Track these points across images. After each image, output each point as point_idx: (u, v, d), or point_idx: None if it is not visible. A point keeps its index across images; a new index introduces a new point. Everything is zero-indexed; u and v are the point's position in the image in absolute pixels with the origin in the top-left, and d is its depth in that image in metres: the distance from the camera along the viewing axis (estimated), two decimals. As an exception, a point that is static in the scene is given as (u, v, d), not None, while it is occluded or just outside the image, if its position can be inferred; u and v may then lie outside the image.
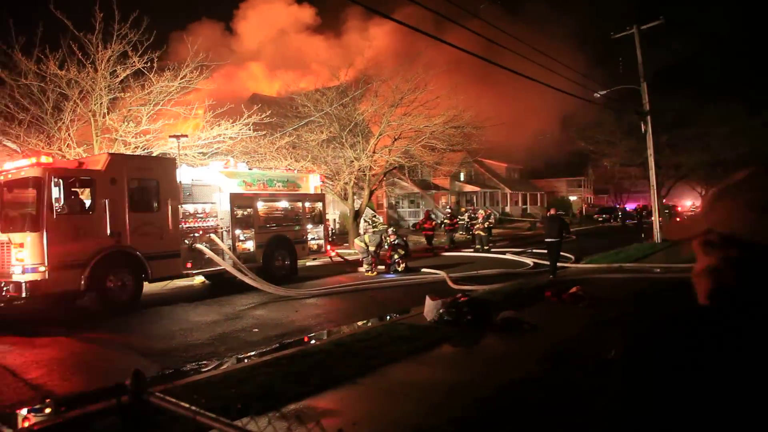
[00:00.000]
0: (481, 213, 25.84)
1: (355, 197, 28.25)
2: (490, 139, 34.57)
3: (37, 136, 17.72)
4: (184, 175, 14.44)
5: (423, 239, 26.80)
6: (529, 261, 19.23)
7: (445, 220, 26.55)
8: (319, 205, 18.42)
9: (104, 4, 17.26)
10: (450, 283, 14.27)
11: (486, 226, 24.64)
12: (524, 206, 62.65)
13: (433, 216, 28.29)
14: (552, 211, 16.42)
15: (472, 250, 24.00)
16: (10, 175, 11.65)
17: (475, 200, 55.01)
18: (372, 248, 17.83)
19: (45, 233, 10.95)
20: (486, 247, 23.90)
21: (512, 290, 12.32)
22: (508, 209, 58.69)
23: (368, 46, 32.71)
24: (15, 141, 17.56)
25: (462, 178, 54.95)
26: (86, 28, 17.51)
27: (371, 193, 28.44)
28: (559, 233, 15.37)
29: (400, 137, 27.69)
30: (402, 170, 36.90)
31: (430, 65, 27.70)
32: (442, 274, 15.89)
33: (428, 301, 9.87)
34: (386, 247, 18.25)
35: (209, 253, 13.89)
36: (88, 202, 12.08)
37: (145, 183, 13.04)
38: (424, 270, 17.61)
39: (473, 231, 26.44)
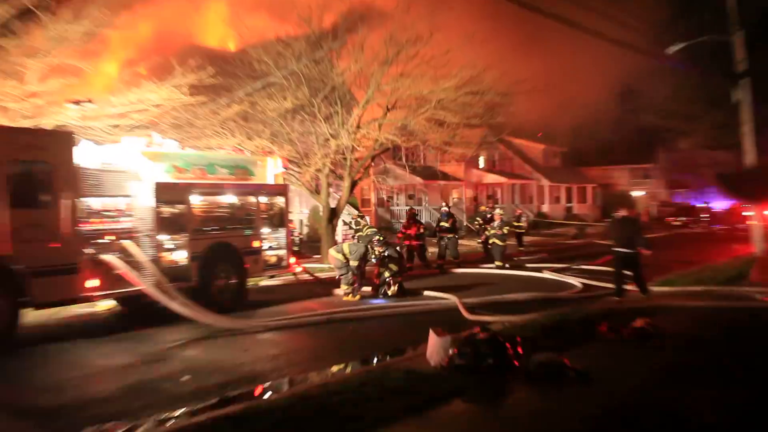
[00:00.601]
0: (497, 214, 25.61)
1: (331, 190, 28.16)
2: (522, 110, 34.48)
3: None
4: (88, 156, 14.31)
5: (431, 249, 26.31)
6: (576, 282, 19.33)
7: (442, 223, 25.33)
8: (281, 200, 18.35)
9: None
10: (464, 312, 14.34)
11: (503, 232, 24.48)
12: (568, 204, 62.88)
13: (418, 217, 27.70)
14: (622, 212, 16.59)
15: (494, 266, 23.97)
16: None
17: (500, 195, 55.08)
18: (354, 262, 17.82)
19: None
20: (499, 263, 23.91)
21: (552, 323, 12.37)
22: (545, 208, 58.87)
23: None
24: None
25: (482, 165, 55.07)
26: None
27: (354, 184, 28.38)
28: (632, 241, 15.51)
29: (396, 107, 27.61)
30: (397, 153, 36.77)
31: (439, 6, 27.66)
32: (452, 299, 15.94)
33: (433, 337, 9.84)
34: (373, 260, 18.13)
35: (122, 268, 13.76)
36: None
37: (32, 167, 12.89)
38: (426, 293, 17.56)
39: (486, 239, 26.33)
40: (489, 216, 27.78)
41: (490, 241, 25.10)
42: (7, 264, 12.10)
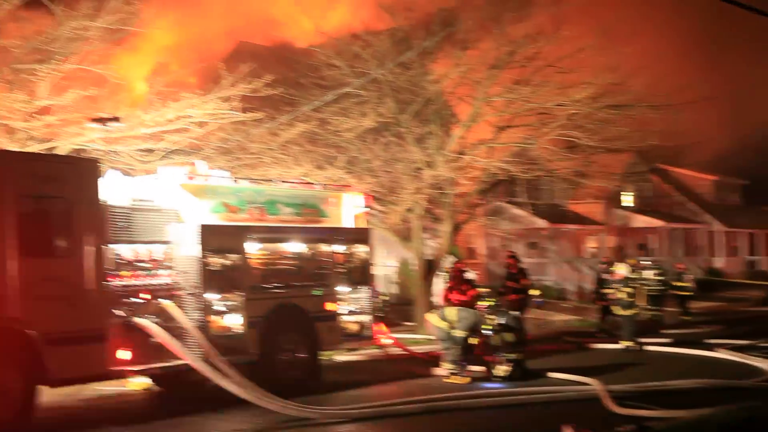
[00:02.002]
0: (619, 270, 24.63)
1: (425, 236, 28.19)
2: (686, 129, 34.15)
3: None
4: (115, 190, 14.64)
5: (561, 317, 25.79)
6: (765, 365, 18.92)
7: (507, 284, 24.30)
8: (362, 249, 18.52)
9: None
10: (609, 404, 14.11)
11: (626, 297, 23.35)
12: (752, 257, 61.32)
13: (468, 274, 25.43)
14: None
15: (628, 342, 23.16)
16: None
17: (658, 244, 54.14)
18: (460, 333, 17.76)
19: None
20: (634, 341, 23.00)
21: (734, 421, 12.15)
22: (719, 263, 57.63)
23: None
24: None
25: (628, 203, 54.36)
26: None
27: (456, 228, 28.53)
28: None
29: (510, 125, 27.78)
30: (514, 188, 36.77)
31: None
32: (592, 384, 15.75)
33: (566, 437, 9.85)
34: (489, 332, 18.15)
35: (160, 335, 13.97)
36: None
37: (46, 204, 13.31)
38: (553, 376, 17.50)
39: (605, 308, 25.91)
40: (605, 274, 26.91)
41: (618, 312, 24.06)
42: (18, 328, 12.45)
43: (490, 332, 18.11)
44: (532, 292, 23.87)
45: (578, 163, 28.60)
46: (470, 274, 21.25)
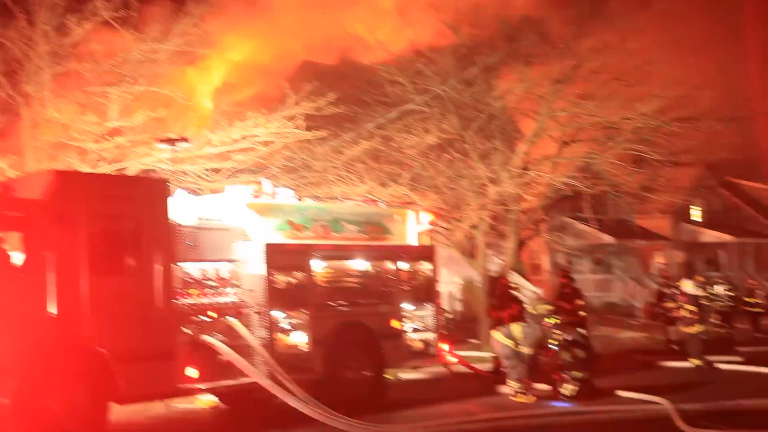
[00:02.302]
0: (685, 288, 24.10)
1: (489, 252, 28.08)
2: (756, 141, 33.69)
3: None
4: (182, 210, 14.87)
5: (628, 334, 25.38)
6: None
7: (558, 304, 22.03)
8: (426, 267, 18.51)
9: None
10: (680, 424, 13.84)
11: (689, 315, 22.70)
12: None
13: (516, 290, 22.30)
14: None
15: (697, 360, 22.63)
16: None
17: (728, 259, 53.36)
18: (526, 349, 17.64)
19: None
20: (703, 359, 22.41)
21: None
22: (791, 277, 56.61)
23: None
24: None
25: (697, 218, 53.71)
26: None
27: (521, 244, 28.37)
28: None
29: (575, 140, 27.66)
30: (578, 204, 36.48)
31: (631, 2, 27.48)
32: (661, 402, 15.49)
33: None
34: (556, 347, 17.99)
35: (227, 353, 14.14)
36: (16, 258, 12.59)
37: (117, 224, 13.57)
38: (622, 395, 17.26)
39: (677, 322, 25.48)
40: (666, 288, 26.58)
41: (684, 329, 23.35)
42: (89, 346, 12.69)
43: (557, 347, 17.98)
44: (581, 313, 23.02)
45: (645, 177, 28.29)
46: (528, 291, 20.99)
